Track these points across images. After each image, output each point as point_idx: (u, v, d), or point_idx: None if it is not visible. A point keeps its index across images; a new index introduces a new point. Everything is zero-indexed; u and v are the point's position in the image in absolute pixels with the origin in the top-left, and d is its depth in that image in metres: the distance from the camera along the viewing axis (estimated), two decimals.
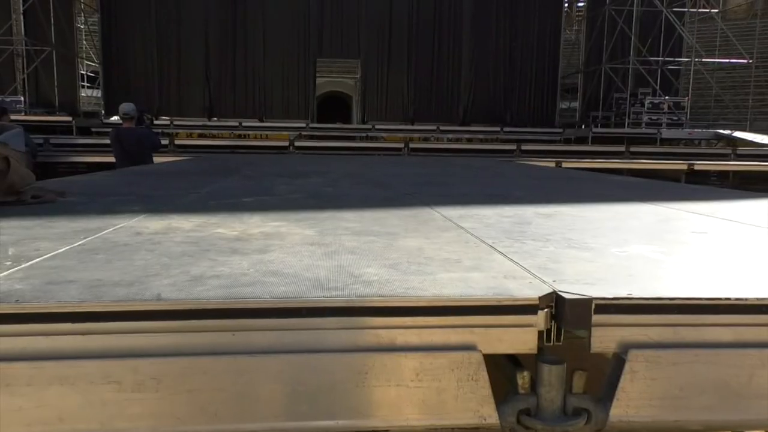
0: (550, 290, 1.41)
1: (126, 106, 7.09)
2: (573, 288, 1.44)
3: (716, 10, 19.35)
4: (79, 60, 20.56)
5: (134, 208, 2.93)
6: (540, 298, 1.38)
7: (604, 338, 1.37)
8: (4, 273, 1.51)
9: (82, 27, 21.39)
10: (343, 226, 2.50)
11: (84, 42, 21.74)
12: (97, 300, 1.30)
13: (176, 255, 1.81)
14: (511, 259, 1.83)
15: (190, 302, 1.31)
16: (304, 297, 1.36)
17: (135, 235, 2.17)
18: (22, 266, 1.59)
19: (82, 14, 21.52)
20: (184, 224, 2.45)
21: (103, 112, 20.04)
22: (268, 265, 1.68)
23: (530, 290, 1.43)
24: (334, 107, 29.06)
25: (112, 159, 8.03)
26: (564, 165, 10.15)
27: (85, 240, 2.03)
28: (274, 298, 1.36)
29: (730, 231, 2.63)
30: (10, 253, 1.77)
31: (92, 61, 21.68)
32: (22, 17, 18.13)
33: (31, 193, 3.05)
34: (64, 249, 1.85)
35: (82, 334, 1.26)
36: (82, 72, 21.23)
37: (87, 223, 2.41)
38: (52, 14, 18.02)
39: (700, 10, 19.69)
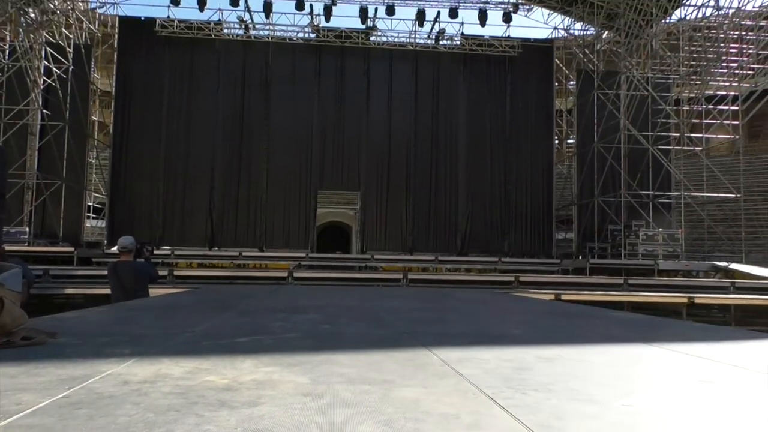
0: None
1: (124, 240, 7.15)
2: None
3: (700, 148, 20.28)
4: (86, 192, 21.20)
5: (125, 351, 2.86)
6: None
7: None
8: None
9: (93, 161, 22.29)
10: (337, 371, 2.43)
11: (94, 175, 22.56)
12: None
13: (162, 409, 1.73)
14: (512, 415, 1.75)
15: None
16: None
17: (122, 384, 2.10)
18: None
19: (95, 150, 22.51)
20: (174, 370, 2.37)
21: (105, 242, 20.30)
22: (258, 422, 1.61)
23: None
24: (334, 237, 29.48)
25: (109, 291, 7.99)
26: (563, 297, 10.09)
27: (69, 391, 1.95)
28: None
29: (739, 379, 2.54)
30: None
31: (99, 193, 22.35)
32: (36, 153, 19.00)
33: (22, 335, 2.99)
34: (46, 402, 1.78)
35: None
36: (89, 203, 21.81)
37: (74, 370, 2.34)
38: (65, 150, 18.88)
39: (684, 147, 20.65)
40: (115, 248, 9.49)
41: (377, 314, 5.68)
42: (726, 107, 19.52)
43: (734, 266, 15.96)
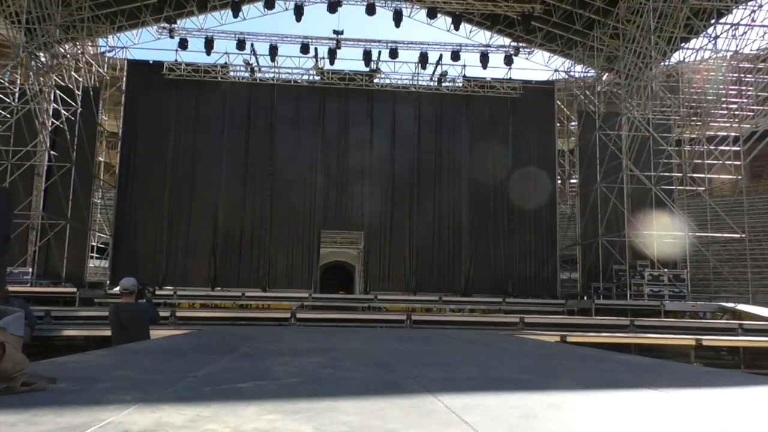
0: None
1: (126, 281, 7.13)
2: None
3: (702, 188, 20.34)
4: (91, 232, 21.28)
5: (125, 397, 2.82)
6: None
7: None
8: None
9: (98, 201, 22.44)
10: (341, 419, 2.38)
11: (98, 215, 22.69)
12: None
13: None
14: None
15: None
16: None
17: None
18: None
19: (100, 190, 22.70)
20: (176, 418, 2.34)
21: (108, 282, 20.28)
22: None
23: None
24: (337, 276, 29.42)
25: (110, 332, 7.94)
26: (569, 339, 9.97)
27: None
28: None
29: (752, 429, 2.49)
30: None
31: (103, 233, 22.43)
32: (42, 194, 19.15)
33: (22, 380, 2.95)
34: None
35: None
36: (93, 243, 21.87)
37: (73, 418, 2.31)
38: (71, 191, 19.03)
39: (687, 188, 20.71)
40: (117, 289, 9.46)
41: (381, 357, 5.62)
42: (727, 148, 19.64)
43: (741, 307, 15.79)
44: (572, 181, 26.94)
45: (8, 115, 17.73)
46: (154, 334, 7.73)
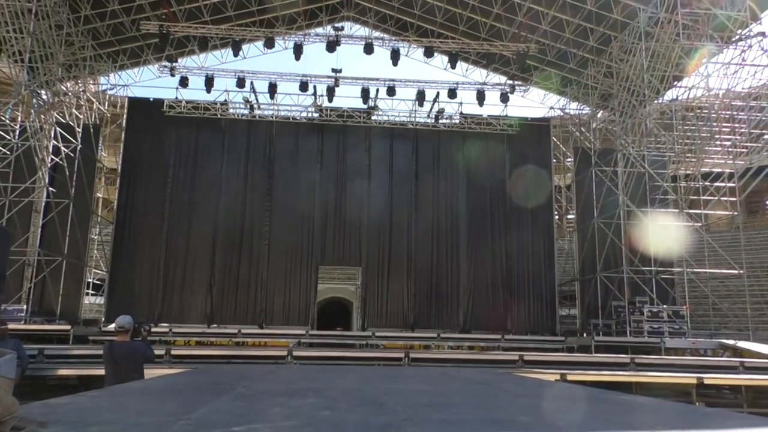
0: None
1: (122, 320, 7.06)
2: None
3: (699, 224, 20.38)
4: (87, 268, 21.17)
5: None
6: None
7: None
8: None
9: (95, 238, 22.38)
10: None
11: (95, 251, 22.61)
12: None
13: None
14: None
15: None
16: None
17: None
18: None
19: (98, 226, 22.67)
20: None
21: (103, 319, 20.09)
22: None
23: None
24: (334, 313, 29.18)
25: (104, 371, 7.82)
26: (569, 377, 9.83)
27: None
28: None
29: None
30: None
31: (100, 269, 22.32)
32: (40, 230, 19.11)
33: (12, 424, 2.90)
34: None
35: None
36: (89, 279, 21.74)
37: None
38: (68, 227, 19.00)
39: (684, 224, 20.75)
40: (113, 326, 9.38)
41: (379, 398, 5.53)
42: (723, 184, 19.76)
43: (742, 344, 15.66)
44: (570, 216, 27.00)
45: (8, 152, 17.81)
46: (149, 373, 7.62)
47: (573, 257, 24.34)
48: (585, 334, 20.88)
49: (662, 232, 18.97)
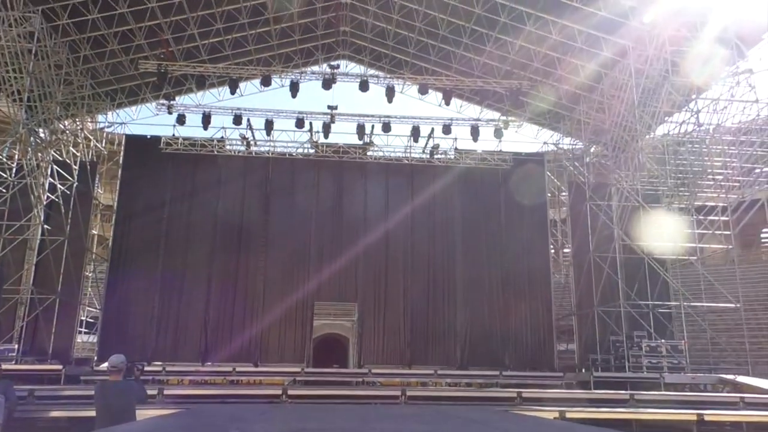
0: None
1: (115, 359, 6.97)
2: None
3: (695, 257, 20.40)
4: (80, 306, 20.97)
5: None
6: None
7: None
8: None
9: (89, 275, 22.22)
10: None
11: (89, 289, 22.43)
12: None
13: None
14: None
15: None
16: None
17: None
18: None
19: (92, 263, 22.54)
20: None
21: (95, 358, 19.81)
22: None
23: None
24: (330, 349, 28.83)
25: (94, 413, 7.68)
26: (568, 415, 9.69)
27: None
28: None
29: None
30: None
31: (93, 307, 22.12)
32: (33, 268, 18.99)
33: None
34: None
35: None
36: (82, 318, 21.51)
37: None
38: (63, 265, 18.89)
39: (679, 257, 20.77)
40: (105, 365, 9.25)
41: None
42: (716, 218, 19.86)
43: (742, 379, 15.52)
44: (566, 250, 26.99)
45: (4, 190, 17.82)
46: (141, 414, 7.49)
47: (570, 291, 24.26)
48: (584, 369, 20.66)
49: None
